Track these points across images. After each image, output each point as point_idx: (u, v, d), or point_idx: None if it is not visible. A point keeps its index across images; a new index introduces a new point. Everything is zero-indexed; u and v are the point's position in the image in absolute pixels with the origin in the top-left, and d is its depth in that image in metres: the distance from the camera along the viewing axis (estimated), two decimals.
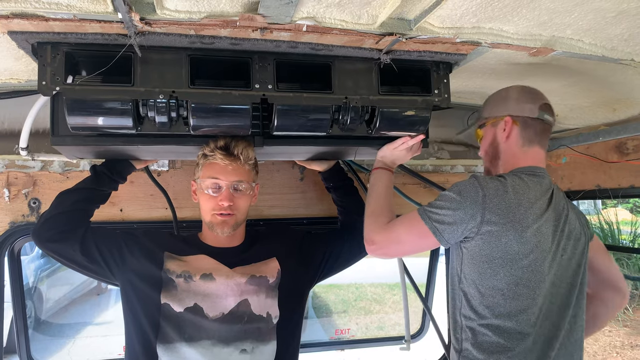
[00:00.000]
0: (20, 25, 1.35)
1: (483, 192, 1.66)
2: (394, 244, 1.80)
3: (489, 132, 1.95)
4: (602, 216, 10.80)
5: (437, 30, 1.46)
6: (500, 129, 1.89)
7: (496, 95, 1.94)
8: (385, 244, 1.80)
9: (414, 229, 1.74)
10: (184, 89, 1.65)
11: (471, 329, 1.72)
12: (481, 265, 1.68)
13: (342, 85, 1.78)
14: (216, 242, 2.01)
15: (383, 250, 1.82)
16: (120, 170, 2.07)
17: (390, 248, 1.82)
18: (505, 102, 1.89)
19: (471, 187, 1.69)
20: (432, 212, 1.72)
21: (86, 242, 1.91)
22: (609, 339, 8.28)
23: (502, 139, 1.89)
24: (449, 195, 1.72)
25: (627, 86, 1.95)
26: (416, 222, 1.73)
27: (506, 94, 1.90)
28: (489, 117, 1.94)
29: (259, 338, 1.88)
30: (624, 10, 1.33)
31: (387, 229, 1.81)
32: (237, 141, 1.88)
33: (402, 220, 1.80)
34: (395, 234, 1.79)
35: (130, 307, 1.91)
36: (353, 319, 9.49)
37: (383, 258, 1.88)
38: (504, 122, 1.87)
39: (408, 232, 1.77)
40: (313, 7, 1.31)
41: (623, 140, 2.38)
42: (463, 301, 1.75)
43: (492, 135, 1.93)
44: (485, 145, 1.97)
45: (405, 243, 1.79)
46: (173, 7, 1.28)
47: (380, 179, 2.03)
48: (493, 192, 1.67)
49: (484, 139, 1.98)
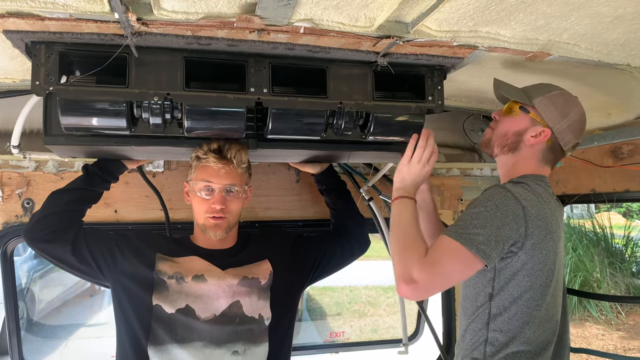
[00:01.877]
0: (15, 24, 1.34)
1: (521, 204, 1.57)
2: (439, 278, 1.52)
3: (524, 120, 1.76)
4: (596, 220, 10.85)
5: (435, 33, 1.46)
6: (534, 130, 1.74)
7: (560, 101, 1.74)
8: (430, 282, 1.50)
9: (458, 257, 1.52)
10: (178, 91, 1.64)
11: (502, 343, 1.66)
12: (522, 279, 1.62)
13: (337, 90, 1.78)
14: (208, 244, 2.00)
15: (427, 288, 1.52)
16: (112, 170, 2.06)
17: (436, 284, 1.53)
18: (562, 117, 1.72)
19: (508, 200, 1.57)
20: (473, 234, 1.52)
21: (77, 242, 1.90)
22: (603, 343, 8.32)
23: (528, 140, 1.75)
24: (486, 212, 1.56)
25: (623, 91, 1.96)
26: (457, 249, 1.52)
27: (567, 112, 1.73)
28: (538, 111, 1.74)
29: (251, 340, 1.88)
30: (621, 16, 1.33)
31: (427, 263, 1.51)
32: (230, 144, 1.88)
33: (439, 250, 1.55)
34: (438, 266, 1.51)
35: (121, 309, 1.91)
36: (347, 321, 9.49)
37: (423, 298, 1.60)
38: (543, 131, 1.73)
39: (452, 262, 1.53)
40: (311, 9, 1.31)
41: (618, 144, 2.39)
42: (492, 315, 1.67)
43: (524, 127, 1.76)
44: (511, 128, 1.79)
45: (451, 275, 1.55)
46: (170, 8, 1.28)
47: (405, 208, 1.75)
48: (530, 203, 1.59)
49: (515, 119, 1.78)
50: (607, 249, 10.37)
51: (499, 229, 1.53)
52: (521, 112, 1.76)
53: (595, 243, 10.45)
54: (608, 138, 2.32)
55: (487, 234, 1.52)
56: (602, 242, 10.49)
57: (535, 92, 1.76)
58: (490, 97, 2.22)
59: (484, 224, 1.53)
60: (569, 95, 1.76)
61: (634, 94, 1.97)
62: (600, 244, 10.46)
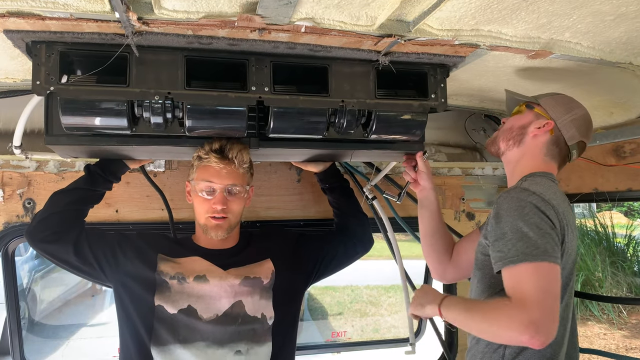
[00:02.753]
0: (16, 24, 1.34)
1: (551, 204, 1.55)
2: (547, 302, 1.39)
3: (528, 115, 1.82)
4: (598, 219, 10.83)
5: (436, 32, 1.45)
6: (538, 123, 1.78)
7: (564, 99, 1.81)
8: (544, 311, 1.37)
9: (545, 274, 1.42)
10: (179, 90, 1.64)
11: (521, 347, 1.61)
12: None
13: (339, 89, 1.77)
14: (210, 244, 2.00)
15: (547, 319, 1.37)
16: (114, 170, 2.06)
17: (550, 310, 1.39)
18: (565, 112, 1.78)
19: (539, 202, 1.53)
20: (540, 248, 1.44)
21: (79, 243, 1.90)
22: (605, 342, 8.31)
23: (531, 132, 1.78)
24: (532, 219, 1.49)
25: (625, 89, 1.95)
26: (537, 269, 1.42)
27: (570, 107, 1.79)
28: (544, 108, 1.79)
29: (254, 339, 1.88)
30: (623, 14, 1.33)
31: (526, 299, 1.38)
32: (232, 144, 1.87)
33: (523, 280, 1.43)
34: (538, 293, 1.39)
35: (123, 309, 1.91)
36: (349, 321, 9.49)
37: (554, 332, 1.39)
38: (546, 123, 1.76)
39: (545, 281, 1.42)
40: (312, 8, 1.31)
41: (620, 143, 2.39)
42: None
43: (528, 121, 1.80)
44: (516, 123, 1.83)
45: (553, 293, 1.42)
46: (171, 7, 1.28)
47: (452, 305, 1.64)
48: (556, 201, 1.58)
49: (520, 115, 1.84)
50: (608, 248, 10.34)
51: (553, 228, 1.50)
52: (527, 109, 1.83)
53: (597, 242, 10.43)
54: (610, 137, 2.32)
55: (548, 240, 1.46)
56: (603, 241, 10.46)
57: (543, 95, 1.83)
58: (492, 96, 2.22)
59: (540, 233, 1.47)
60: (571, 98, 1.81)
61: (636, 93, 1.96)
62: (602, 243, 10.44)
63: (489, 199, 3.01)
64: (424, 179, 2.09)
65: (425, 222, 2.14)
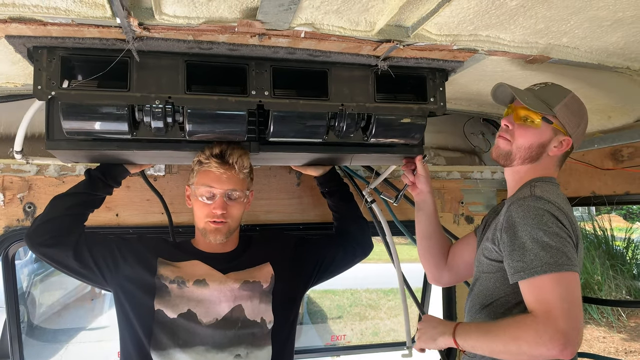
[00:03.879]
0: (18, 30, 1.35)
1: (564, 212, 1.54)
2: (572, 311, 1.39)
3: (546, 132, 1.71)
4: (597, 223, 10.83)
5: (435, 37, 1.47)
6: (557, 140, 1.71)
7: (576, 107, 1.73)
8: (575, 328, 1.37)
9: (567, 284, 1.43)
10: (180, 95, 1.65)
11: None
12: None
13: (339, 92, 1.78)
14: (209, 248, 2.00)
15: (578, 336, 1.37)
16: (115, 175, 2.06)
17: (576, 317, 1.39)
18: (579, 124, 1.72)
19: (557, 212, 1.52)
20: (561, 257, 1.44)
21: (79, 247, 1.90)
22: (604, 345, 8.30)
23: (551, 150, 1.73)
24: (550, 229, 1.48)
25: (623, 94, 1.96)
26: (561, 279, 1.42)
27: (582, 115, 1.74)
28: (561, 122, 1.70)
29: (254, 343, 1.88)
30: (620, 19, 1.34)
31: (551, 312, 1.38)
32: (232, 149, 1.88)
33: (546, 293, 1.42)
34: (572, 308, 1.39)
35: (123, 313, 1.91)
36: (348, 324, 9.47)
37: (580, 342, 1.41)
38: (565, 142, 1.71)
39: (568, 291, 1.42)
40: (311, 13, 1.32)
41: (618, 147, 2.40)
42: None
43: (547, 138, 1.71)
44: (535, 140, 1.72)
45: (576, 303, 1.43)
46: (172, 13, 1.28)
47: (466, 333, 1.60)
48: (566, 208, 1.58)
49: (537, 130, 1.71)
50: (608, 252, 10.35)
51: (570, 237, 1.50)
52: (544, 123, 1.70)
53: (596, 245, 10.43)
54: (608, 141, 2.33)
55: (568, 249, 1.47)
56: (602, 245, 10.47)
57: (552, 98, 1.71)
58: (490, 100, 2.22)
59: (560, 243, 1.47)
60: (578, 98, 1.75)
61: (633, 97, 1.98)
62: (601, 246, 10.44)
63: (487, 202, 3.02)
64: (422, 182, 2.10)
65: (422, 225, 2.14)
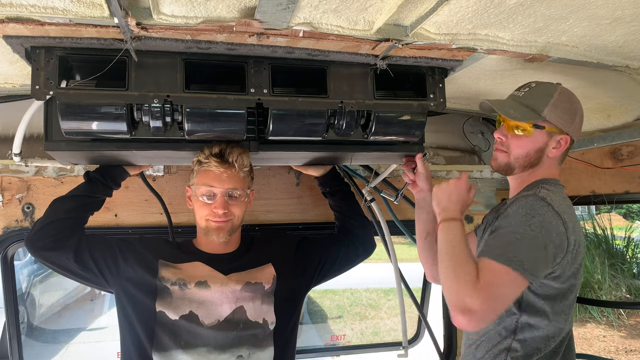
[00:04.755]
0: (15, 30, 1.34)
1: (562, 219, 1.55)
2: (496, 304, 1.45)
3: (540, 137, 1.72)
4: (597, 222, 10.84)
5: (433, 36, 1.46)
6: (554, 141, 1.72)
7: (566, 103, 1.71)
8: (486, 308, 1.42)
9: (512, 280, 1.45)
10: (178, 94, 1.64)
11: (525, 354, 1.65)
12: (555, 290, 1.61)
13: (338, 90, 1.77)
14: (211, 249, 2.00)
15: (484, 316, 1.43)
16: (114, 176, 2.06)
17: (493, 311, 1.45)
18: (572, 119, 1.72)
19: (551, 217, 1.54)
20: (522, 255, 1.47)
21: (80, 250, 1.89)
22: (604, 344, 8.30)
23: (550, 152, 1.73)
24: (532, 232, 1.50)
25: (622, 93, 1.96)
26: (507, 273, 1.44)
27: (575, 109, 1.72)
28: (554, 124, 1.70)
29: (256, 344, 1.88)
30: (619, 18, 1.33)
31: (481, 289, 1.42)
32: (232, 148, 1.87)
33: (492, 277, 1.46)
34: (494, 292, 1.44)
35: (125, 315, 1.91)
36: (348, 324, 9.48)
37: (480, 327, 1.49)
38: (563, 140, 1.72)
39: (505, 286, 1.46)
40: (310, 12, 1.31)
41: (617, 146, 2.40)
42: (520, 325, 1.65)
43: (544, 143, 1.72)
44: (531, 147, 1.73)
45: (507, 299, 1.48)
46: (170, 12, 1.28)
47: (450, 231, 1.68)
48: (568, 217, 1.57)
49: (531, 137, 1.72)
50: (607, 251, 10.37)
51: (545, 248, 1.50)
52: (536, 130, 1.71)
53: (596, 244, 10.44)
54: (608, 140, 2.33)
55: (536, 256, 1.48)
56: (602, 244, 10.48)
57: (539, 102, 1.70)
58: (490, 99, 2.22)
59: (532, 245, 1.49)
60: (567, 92, 1.73)
61: (633, 96, 1.97)
62: (601, 245, 10.45)
63: (487, 201, 3.01)
64: (423, 180, 2.09)
65: (422, 223, 2.14)
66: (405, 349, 2.69)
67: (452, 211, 1.74)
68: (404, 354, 2.69)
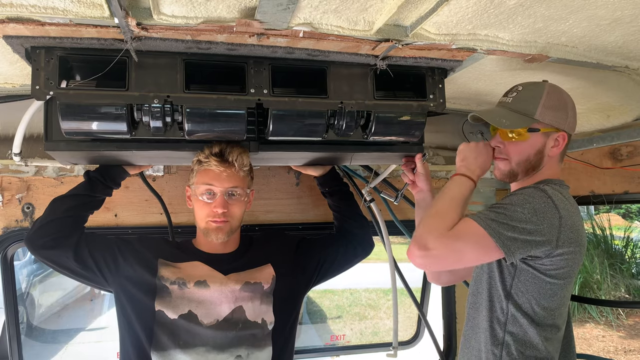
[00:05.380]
0: (15, 30, 1.34)
1: (559, 214, 1.55)
2: (453, 253, 1.54)
3: (537, 139, 1.72)
4: (595, 222, 10.85)
5: (433, 36, 1.47)
6: (552, 140, 1.71)
7: (555, 101, 1.70)
8: (442, 252, 1.52)
9: (479, 242, 1.52)
10: (178, 94, 1.64)
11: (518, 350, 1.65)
12: (543, 285, 1.62)
13: (338, 90, 1.78)
14: (210, 249, 2.00)
15: (438, 259, 1.54)
16: (114, 176, 2.06)
17: (448, 258, 1.55)
18: (565, 114, 1.71)
19: (547, 207, 1.55)
20: (503, 228, 1.51)
21: (80, 249, 1.90)
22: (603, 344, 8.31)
23: (550, 151, 1.73)
24: (522, 214, 1.53)
25: (621, 93, 1.96)
26: (481, 235, 1.51)
27: (565, 104, 1.71)
28: (548, 124, 1.70)
29: (254, 344, 1.88)
30: (618, 18, 1.34)
31: (447, 236, 1.52)
32: (231, 147, 1.88)
33: (463, 229, 1.55)
34: (458, 243, 1.52)
35: (124, 314, 1.91)
36: (348, 324, 9.48)
37: (430, 269, 1.58)
38: (561, 137, 1.71)
39: (472, 244, 1.53)
40: (310, 13, 1.32)
41: (617, 146, 2.40)
42: (509, 316, 1.67)
43: (542, 144, 1.72)
44: (530, 152, 1.73)
45: (466, 256, 1.56)
46: (170, 13, 1.28)
47: (459, 185, 1.73)
48: (567, 213, 1.57)
49: (527, 143, 1.73)
50: (607, 251, 10.38)
51: (530, 233, 1.52)
52: (531, 134, 1.71)
53: (595, 244, 10.46)
54: (607, 140, 2.33)
55: (517, 235, 1.51)
56: (602, 244, 10.49)
57: (529, 105, 1.71)
58: (489, 100, 2.22)
59: (516, 225, 1.52)
60: (554, 88, 1.72)
61: (632, 96, 1.97)
62: (600, 245, 10.46)
63: (487, 201, 3.02)
64: (422, 181, 2.09)
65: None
66: (395, 349, 2.68)
67: (473, 171, 1.77)
68: (393, 354, 2.68)
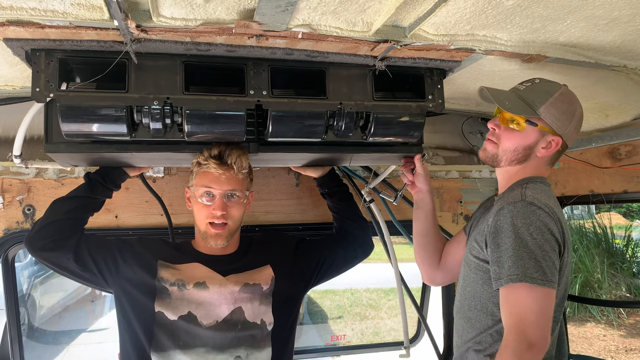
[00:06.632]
0: (15, 32, 1.35)
1: (556, 218, 1.57)
2: (548, 329, 1.47)
3: (531, 134, 1.70)
4: (596, 221, 10.85)
5: (432, 37, 1.47)
6: (545, 141, 1.70)
7: (565, 105, 1.69)
8: (544, 340, 1.45)
9: (543, 300, 1.47)
10: (178, 95, 1.65)
11: None
12: None
13: (337, 91, 1.78)
14: (210, 250, 2.01)
15: (546, 346, 1.46)
16: (114, 178, 2.07)
17: (549, 338, 1.47)
18: (569, 121, 1.69)
19: (545, 219, 1.54)
20: (540, 270, 1.47)
21: (80, 250, 1.90)
22: (604, 344, 8.31)
23: (539, 151, 1.72)
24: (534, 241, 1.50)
25: (620, 92, 1.96)
26: (540, 292, 1.46)
27: (573, 112, 1.70)
28: (548, 123, 1.68)
29: (254, 345, 1.89)
30: (616, 18, 1.34)
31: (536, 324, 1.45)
32: (231, 150, 1.88)
33: (530, 302, 1.46)
34: (542, 320, 1.46)
35: (124, 315, 1.92)
36: (349, 324, 9.48)
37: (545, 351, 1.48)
38: (554, 141, 1.70)
39: (546, 307, 1.48)
40: (308, 14, 1.32)
41: (616, 146, 2.40)
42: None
43: (534, 141, 1.71)
44: (520, 143, 1.72)
45: (551, 318, 1.50)
46: (169, 15, 1.29)
47: None
48: (560, 215, 1.60)
49: (522, 133, 1.71)
50: (607, 250, 10.37)
51: (553, 251, 1.52)
52: (528, 126, 1.70)
53: (596, 243, 10.45)
54: (606, 139, 2.33)
55: (548, 265, 1.49)
56: (602, 243, 10.48)
57: (537, 99, 1.68)
58: None
59: (540, 256, 1.49)
60: (569, 94, 1.71)
61: (631, 95, 1.98)
62: (601, 244, 10.46)
63: None
64: (421, 181, 2.10)
65: (419, 222, 2.15)
66: (407, 349, 2.69)
67: None
68: (406, 354, 2.68)
